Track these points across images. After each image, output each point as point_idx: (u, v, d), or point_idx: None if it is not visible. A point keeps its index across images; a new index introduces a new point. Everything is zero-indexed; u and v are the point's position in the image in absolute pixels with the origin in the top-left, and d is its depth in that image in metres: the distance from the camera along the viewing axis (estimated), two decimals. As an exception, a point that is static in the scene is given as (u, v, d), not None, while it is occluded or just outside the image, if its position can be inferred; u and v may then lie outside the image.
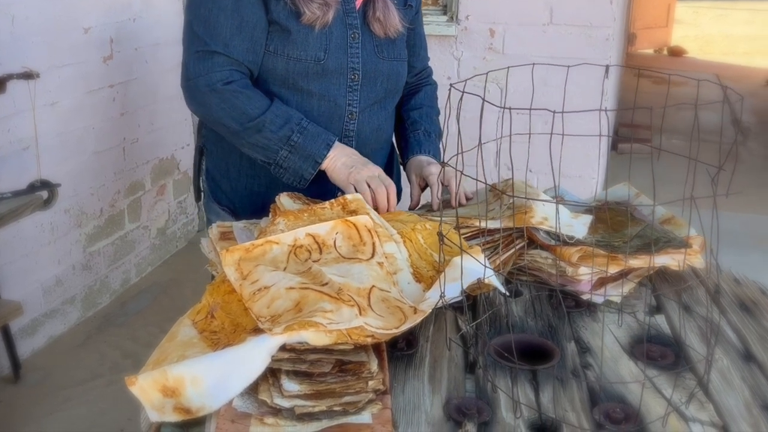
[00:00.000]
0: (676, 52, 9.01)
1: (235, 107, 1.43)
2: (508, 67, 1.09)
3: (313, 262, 1.17)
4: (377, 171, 1.46)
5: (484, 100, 0.94)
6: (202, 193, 1.74)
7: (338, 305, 1.03)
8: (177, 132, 3.44)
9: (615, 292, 1.26)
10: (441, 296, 1.08)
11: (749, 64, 8.60)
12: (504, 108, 0.92)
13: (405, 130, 1.70)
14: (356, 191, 1.42)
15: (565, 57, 2.98)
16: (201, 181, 1.74)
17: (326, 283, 1.09)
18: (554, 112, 0.82)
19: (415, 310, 1.08)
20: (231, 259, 1.14)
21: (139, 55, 3.10)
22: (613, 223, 1.42)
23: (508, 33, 3.04)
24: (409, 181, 1.64)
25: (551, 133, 0.89)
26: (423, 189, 1.60)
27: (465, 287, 1.12)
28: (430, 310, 1.08)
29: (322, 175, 1.51)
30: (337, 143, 1.47)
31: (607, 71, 1.06)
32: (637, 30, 8.14)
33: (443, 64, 3.21)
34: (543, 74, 3.03)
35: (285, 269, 1.15)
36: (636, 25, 7.96)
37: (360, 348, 1.01)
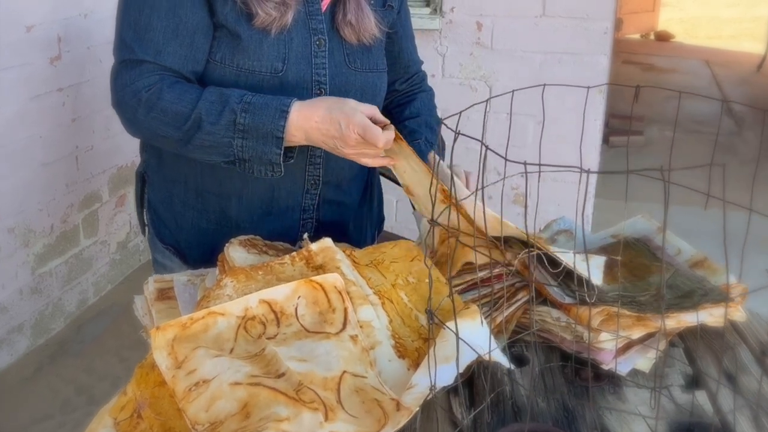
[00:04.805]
0: (662, 37, 8.80)
1: (164, 111, 1.15)
2: (513, 91, 0.85)
3: (268, 339, 0.92)
4: (357, 129, 1.11)
5: (484, 145, 0.70)
6: (146, 228, 1.49)
7: (297, 409, 0.79)
8: (138, 136, 3.16)
9: (642, 359, 1.03)
10: (431, 389, 0.85)
11: (738, 48, 8.41)
12: (508, 160, 0.69)
13: None
14: None
15: (559, 52, 2.74)
16: (143, 213, 1.49)
17: (282, 374, 0.85)
18: (587, 171, 0.58)
19: (398, 405, 0.85)
20: (163, 339, 0.89)
21: (92, 54, 2.81)
22: (633, 267, 1.19)
23: (497, 26, 2.79)
24: None
25: (580, 170, 0.65)
26: None
27: (462, 370, 0.88)
28: (417, 408, 0.84)
29: (282, 208, 1.27)
30: (295, 105, 1.14)
31: (636, 94, 0.82)
32: (624, 15, 7.90)
33: (426, 60, 2.94)
34: (536, 70, 2.78)
35: (232, 350, 0.91)
36: (622, 10, 7.72)
37: (326, 470, 0.77)
